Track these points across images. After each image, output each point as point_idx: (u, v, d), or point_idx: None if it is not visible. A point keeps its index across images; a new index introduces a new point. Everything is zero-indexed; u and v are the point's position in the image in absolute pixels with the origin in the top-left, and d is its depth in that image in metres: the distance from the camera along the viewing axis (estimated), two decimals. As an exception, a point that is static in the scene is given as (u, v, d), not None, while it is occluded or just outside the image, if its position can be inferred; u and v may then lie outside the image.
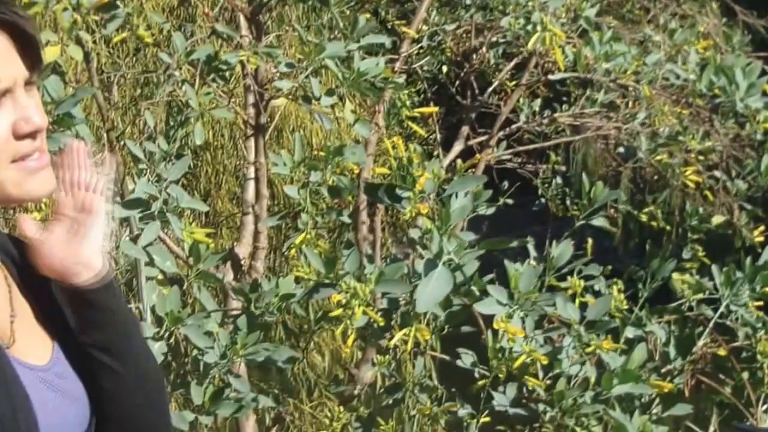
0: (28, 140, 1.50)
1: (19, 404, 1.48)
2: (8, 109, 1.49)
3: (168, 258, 3.10)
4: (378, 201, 2.96)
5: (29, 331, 1.59)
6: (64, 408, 1.58)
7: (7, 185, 1.50)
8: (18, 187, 1.51)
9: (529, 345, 3.05)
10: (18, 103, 1.50)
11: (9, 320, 1.56)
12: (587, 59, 3.88)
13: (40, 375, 1.55)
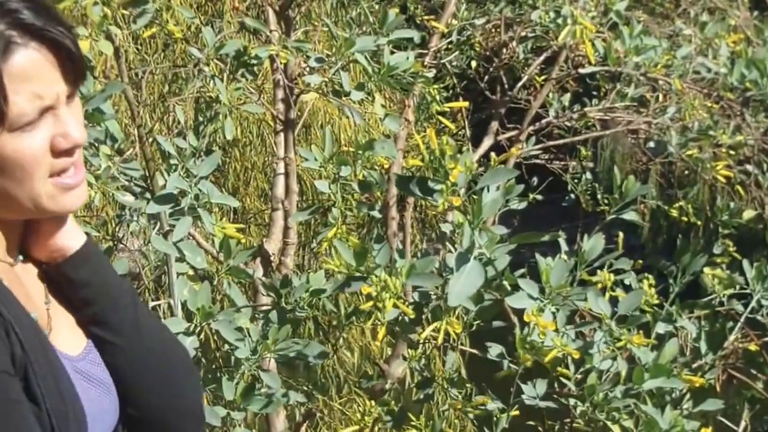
0: (66, 157, 1.53)
1: (69, 397, 1.50)
2: (48, 125, 1.50)
3: (199, 254, 3.09)
4: (409, 194, 2.94)
5: (64, 320, 1.62)
6: (101, 397, 1.60)
7: (43, 199, 1.53)
8: (53, 201, 1.54)
9: (560, 339, 3.04)
10: (59, 119, 1.52)
11: (45, 307, 1.59)
12: (617, 53, 3.86)
13: (77, 365, 1.58)
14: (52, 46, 1.50)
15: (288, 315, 3.13)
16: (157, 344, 1.69)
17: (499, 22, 4.56)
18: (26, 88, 1.47)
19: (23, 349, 1.45)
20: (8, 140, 1.47)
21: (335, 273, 3.02)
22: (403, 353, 3.86)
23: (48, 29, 1.49)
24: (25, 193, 1.51)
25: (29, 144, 1.49)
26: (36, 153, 1.49)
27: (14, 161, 1.48)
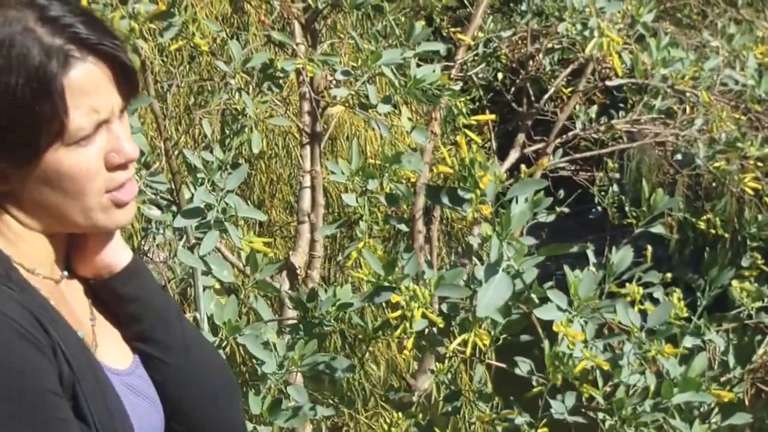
0: (121, 172, 1.53)
1: (117, 414, 1.51)
2: (103, 139, 1.50)
3: (225, 267, 3.09)
4: (439, 204, 2.93)
5: (109, 335, 1.63)
6: (149, 412, 1.62)
7: (96, 214, 1.53)
8: (106, 216, 1.54)
9: (589, 351, 3.02)
10: (112, 133, 1.52)
11: (90, 324, 1.59)
12: (645, 65, 3.84)
13: (125, 380, 1.59)
14: (107, 59, 1.50)
15: (315, 329, 3.12)
16: (201, 359, 1.70)
17: (525, 34, 4.54)
18: (84, 102, 1.47)
19: (71, 368, 1.45)
20: (64, 154, 1.47)
21: (364, 283, 3.01)
22: (429, 367, 3.85)
23: (104, 43, 1.49)
24: (78, 208, 1.51)
25: (85, 158, 1.48)
26: (90, 168, 1.49)
27: (70, 176, 1.48)
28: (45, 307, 1.48)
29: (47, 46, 1.44)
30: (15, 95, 1.43)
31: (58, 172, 1.48)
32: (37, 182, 1.48)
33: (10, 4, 1.45)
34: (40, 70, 1.43)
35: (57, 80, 1.44)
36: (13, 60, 1.43)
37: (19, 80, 1.42)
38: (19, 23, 1.44)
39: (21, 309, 1.42)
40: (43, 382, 1.40)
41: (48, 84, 1.44)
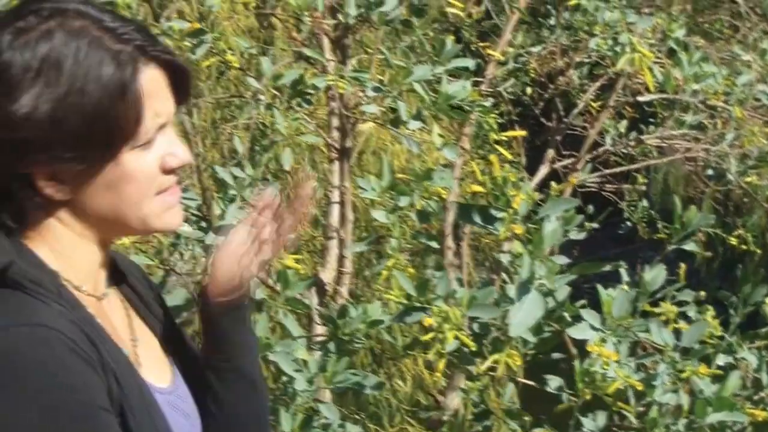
0: (173, 175, 1.55)
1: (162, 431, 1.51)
2: (161, 143, 1.53)
3: (256, 284, 3.08)
4: (470, 222, 2.92)
5: (150, 353, 1.63)
6: (191, 430, 1.63)
7: (151, 217, 1.54)
8: (159, 219, 1.55)
9: (623, 371, 2.99)
10: (168, 138, 1.54)
11: (131, 344, 1.59)
12: (677, 80, 3.81)
13: (167, 398, 1.59)
14: (164, 65, 1.53)
15: (345, 346, 3.11)
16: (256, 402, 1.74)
17: (554, 48, 4.53)
18: (150, 106, 1.50)
19: (119, 385, 1.45)
20: (130, 158, 1.49)
21: (395, 303, 3.00)
22: (459, 384, 3.83)
23: (161, 49, 1.53)
24: (135, 211, 1.52)
25: (146, 162, 1.51)
26: (151, 171, 1.52)
27: (131, 178, 1.50)
28: (93, 324, 1.48)
29: (117, 52, 1.47)
30: (92, 101, 1.45)
31: (123, 176, 1.49)
32: (100, 188, 1.50)
33: (69, 15, 1.48)
34: (115, 76, 1.46)
35: (132, 85, 1.47)
36: (87, 68, 1.45)
37: (96, 86, 1.45)
38: (86, 33, 1.47)
39: (72, 326, 1.43)
40: (94, 399, 1.41)
41: (124, 89, 1.47)
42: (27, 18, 1.47)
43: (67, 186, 1.49)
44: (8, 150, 1.45)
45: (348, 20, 3.37)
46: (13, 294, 1.43)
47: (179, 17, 3.13)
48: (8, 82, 1.43)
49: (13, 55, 1.44)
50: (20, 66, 1.44)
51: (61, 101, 1.44)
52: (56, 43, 1.45)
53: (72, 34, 1.46)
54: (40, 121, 1.43)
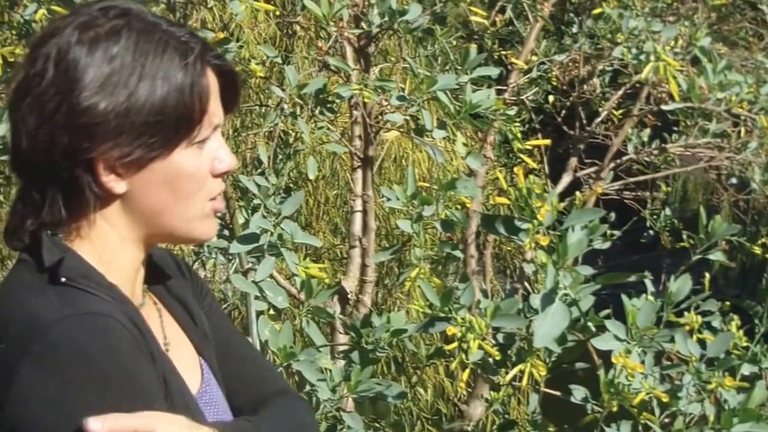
0: (220, 180, 1.59)
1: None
2: (212, 146, 1.57)
3: (280, 293, 3.07)
4: (494, 233, 2.91)
5: (181, 355, 1.65)
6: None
7: (196, 222, 1.58)
8: (203, 225, 1.59)
9: (648, 382, 2.98)
10: (217, 142, 1.58)
11: (164, 348, 1.60)
12: (702, 89, 3.80)
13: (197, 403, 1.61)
14: (218, 73, 1.58)
15: (369, 355, 3.10)
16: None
17: (576, 56, 4.52)
18: (209, 106, 1.55)
19: (165, 382, 1.49)
20: (187, 153, 1.54)
21: (418, 313, 2.99)
22: (482, 394, 3.82)
23: (217, 57, 1.59)
24: (184, 212, 1.56)
25: (201, 162, 1.55)
26: (204, 173, 1.56)
27: (189, 175, 1.54)
28: (140, 319, 1.52)
29: (185, 51, 1.53)
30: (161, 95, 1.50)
31: (180, 171, 1.53)
32: (156, 183, 1.53)
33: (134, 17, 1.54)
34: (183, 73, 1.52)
35: (199, 82, 1.53)
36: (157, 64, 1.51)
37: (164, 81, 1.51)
38: (153, 32, 1.53)
39: (126, 319, 1.46)
40: (151, 386, 1.45)
41: (192, 85, 1.52)
42: (94, 16, 1.52)
43: (125, 179, 1.52)
44: (79, 134, 1.48)
45: (372, 29, 3.36)
46: (66, 289, 1.46)
47: (202, 26, 3.13)
48: (78, 77, 1.48)
49: (81, 51, 1.50)
50: (89, 61, 1.49)
51: (130, 94, 1.49)
52: (127, 41, 1.50)
53: (141, 33, 1.52)
54: (110, 112, 1.48)
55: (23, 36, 3.23)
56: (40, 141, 1.50)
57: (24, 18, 3.20)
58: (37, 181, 1.53)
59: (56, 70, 1.49)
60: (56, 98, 1.48)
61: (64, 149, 1.49)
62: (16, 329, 1.43)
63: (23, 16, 3.20)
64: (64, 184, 1.51)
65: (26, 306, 1.45)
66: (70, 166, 1.50)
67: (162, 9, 3.15)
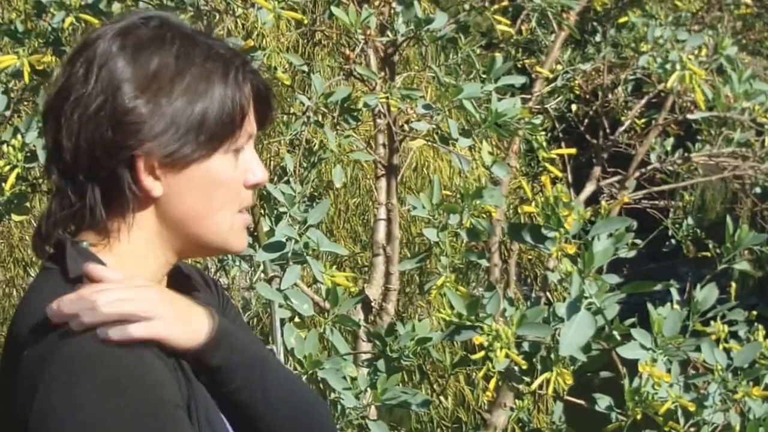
0: (251, 192, 1.60)
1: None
2: (246, 158, 1.59)
3: (306, 301, 3.08)
4: (520, 241, 2.91)
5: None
6: None
7: (230, 232, 1.58)
8: (237, 237, 1.60)
9: (674, 391, 2.97)
10: (250, 154, 1.59)
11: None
12: (727, 98, 3.79)
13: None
14: (253, 87, 1.60)
15: (394, 363, 3.10)
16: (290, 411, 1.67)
17: (598, 65, 4.52)
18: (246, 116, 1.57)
19: (189, 389, 1.49)
20: (223, 160, 1.55)
21: (444, 322, 2.99)
22: (505, 402, 3.81)
23: (253, 71, 1.60)
24: (217, 221, 1.56)
25: (235, 171, 1.56)
26: (238, 182, 1.57)
27: (223, 184, 1.55)
28: None
29: (228, 60, 1.56)
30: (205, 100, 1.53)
31: (216, 178, 1.54)
32: (191, 188, 1.54)
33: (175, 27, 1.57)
34: (226, 80, 1.54)
35: (242, 90, 1.55)
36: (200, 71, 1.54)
37: (208, 87, 1.53)
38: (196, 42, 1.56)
39: None
40: (171, 395, 1.44)
41: (234, 92, 1.55)
42: (136, 24, 1.55)
43: (162, 182, 1.53)
44: (122, 131, 1.50)
45: (398, 37, 3.37)
46: None
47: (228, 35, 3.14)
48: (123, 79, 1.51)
49: (125, 55, 1.52)
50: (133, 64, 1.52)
51: (173, 100, 1.51)
52: (171, 47, 1.53)
53: (183, 41, 1.55)
54: (155, 113, 1.50)
55: (51, 44, 3.24)
56: (84, 138, 1.51)
57: (52, 26, 3.21)
58: (77, 183, 1.53)
59: (99, 73, 1.51)
60: (99, 98, 1.50)
61: (107, 146, 1.51)
62: (40, 338, 1.44)
63: (51, 24, 3.22)
64: (104, 184, 1.53)
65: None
66: (112, 163, 1.51)
67: (189, 17, 3.16)
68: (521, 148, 4.07)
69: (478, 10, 3.68)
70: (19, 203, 3.26)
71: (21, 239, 6.74)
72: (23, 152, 3.07)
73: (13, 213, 3.26)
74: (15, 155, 3.06)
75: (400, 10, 3.35)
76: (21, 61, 3.14)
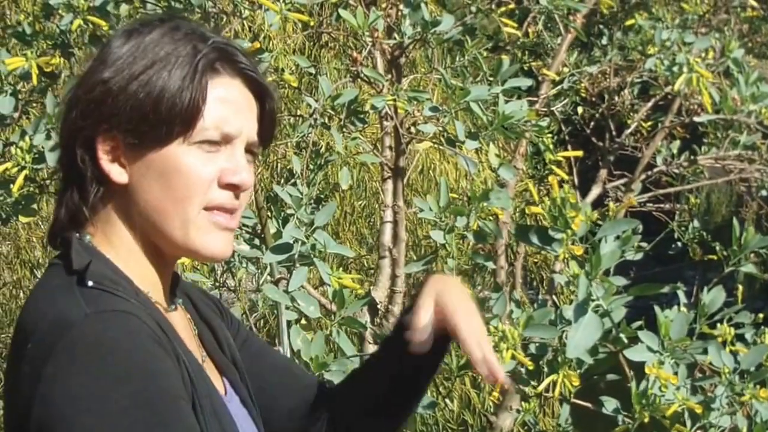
0: (229, 193, 1.58)
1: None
2: (224, 157, 1.57)
3: (312, 303, 3.08)
4: (527, 242, 2.91)
5: (209, 368, 1.68)
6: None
7: (193, 228, 1.57)
8: (201, 235, 1.57)
9: (681, 394, 2.97)
10: (234, 156, 1.58)
11: (201, 359, 1.64)
12: (734, 101, 3.79)
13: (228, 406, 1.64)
14: (258, 97, 1.61)
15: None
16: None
17: (605, 68, 4.52)
18: (219, 109, 1.56)
19: (192, 382, 1.49)
20: (186, 150, 1.55)
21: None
22: (511, 405, 3.81)
23: (267, 89, 1.62)
24: (179, 212, 1.56)
25: (202, 162, 1.56)
26: (204, 176, 1.55)
27: (184, 173, 1.55)
28: (167, 324, 1.54)
29: (198, 54, 1.56)
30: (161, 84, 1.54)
31: (176, 167, 1.54)
32: (153, 175, 1.55)
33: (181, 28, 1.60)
34: (186, 71, 1.55)
35: (203, 78, 1.55)
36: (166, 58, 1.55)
37: (167, 74, 1.54)
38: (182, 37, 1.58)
39: (151, 320, 1.48)
40: (173, 385, 1.45)
41: (190, 81, 1.54)
42: (149, 23, 1.60)
43: (124, 168, 1.55)
44: (83, 111, 1.54)
45: (404, 40, 3.37)
46: (93, 291, 1.48)
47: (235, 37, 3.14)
48: (103, 58, 1.56)
49: (117, 41, 1.57)
50: (117, 48, 1.56)
51: (134, 78, 1.53)
52: (152, 36, 1.56)
53: (170, 29, 1.58)
54: (111, 88, 1.53)
55: (59, 46, 3.24)
56: (63, 128, 1.58)
57: (60, 28, 3.22)
58: (64, 176, 1.60)
59: (94, 59, 1.59)
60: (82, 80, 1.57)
61: (70, 128, 1.56)
62: (44, 329, 1.46)
63: (59, 27, 3.22)
64: (76, 173, 1.56)
65: (55, 307, 1.48)
66: (74, 144, 1.56)
67: (197, 19, 3.17)
68: (528, 151, 4.07)
69: (484, 12, 3.68)
70: (27, 205, 3.27)
71: (28, 241, 6.74)
72: (31, 154, 3.08)
73: (21, 214, 3.27)
74: (23, 157, 3.07)
75: (407, 12, 3.35)
76: (29, 63, 3.15)
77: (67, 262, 1.52)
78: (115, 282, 1.50)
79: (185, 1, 3.22)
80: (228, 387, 1.70)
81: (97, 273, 1.50)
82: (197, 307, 1.75)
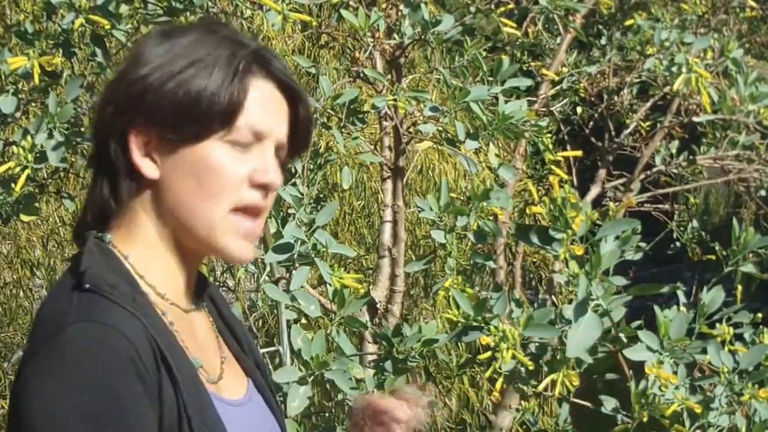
0: (259, 193, 1.59)
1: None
2: (255, 158, 1.59)
3: (313, 302, 3.09)
4: (527, 242, 2.92)
5: (231, 369, 1.69)
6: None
7: (219, 229, 1.58)
8: (226, 237, 1.58)
9: (680, 393, 2.98)
10: (264, 156, 1.60)
11: (221, 361, 1.66)
12: (733, 101, 3.80)
13: (239, 409, 1.64)
14: (291, 103, 1.63)
15: (400, 364, 3.11)
16: None
17: (604, 68, 4.53)
18: (255, 109, 1.58)
19: (178, 393, 1.49)
20: (219, 147, 1.57)
21: (451, 323, 2.99)
22: (510, 404, 3.82)
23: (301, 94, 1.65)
24: (207, 211, 1.57)
25: (233, 160, 1.57)
26: (236, 171, 1.57)
27: (216, 170, 1.57)
28: (164, 332, 1.53)
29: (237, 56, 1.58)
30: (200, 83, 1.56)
31: (210, 164, 1.56)
32: (184, 171, 1.57)
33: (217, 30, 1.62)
34: (225, 70, 1.57)
35: (239, 81, 1.57)
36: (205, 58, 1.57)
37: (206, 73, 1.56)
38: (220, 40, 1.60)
39: (140, 332, 1.47)
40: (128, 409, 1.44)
41: (231, 80, 1.57)
42: (184, 27, 1.65)
43: (156, 163, 1.57)
44: (120, 105, 1.57)
45: (404, 40, 3.38)
46: (91, 296, 1.48)
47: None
48: (138, 58, 1.59)
49: (153, 41, 1.60)
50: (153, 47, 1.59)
51: (173, 75, 1.55)
52: (188, 38, 1.59)
53: (206, 31, 1.60)
54: (151, 84, 1.55)
55: (60, 45, 3.25)
56: (97, 123, 1.60)
57: (61, 27, 3.22)
58: (95, 171, 1.62)
59: (128, 59, 1.61)
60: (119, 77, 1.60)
61: (105, 122, 1.58)
62: (38, 329, 1.50)
63: (61, 26, 3.23)
64: (108, 167, 1.58)
65: (51, 309, 1.51)
66: (107, 138, 1.57)
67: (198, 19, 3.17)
68: (527, 151, 4.08)
69: (484, 12, 3.69)
70: (28, 204, 3.27)
71: (28, 240, 6.74)
72: (33, 153, 3.08)
73: (22, 214, 3.28)
74: (25, 156, 3.08)
75: (407, 12, 3.36)
76: (31, 63, 3.16)
77: (77, 263, 1.54)
78: (113, 286, 1.50)
79: (186, 1, 3.22)
80: (251, 387, 1.71)
81: (95, 276, 1.50)
82: (221, 312, 1.77)
